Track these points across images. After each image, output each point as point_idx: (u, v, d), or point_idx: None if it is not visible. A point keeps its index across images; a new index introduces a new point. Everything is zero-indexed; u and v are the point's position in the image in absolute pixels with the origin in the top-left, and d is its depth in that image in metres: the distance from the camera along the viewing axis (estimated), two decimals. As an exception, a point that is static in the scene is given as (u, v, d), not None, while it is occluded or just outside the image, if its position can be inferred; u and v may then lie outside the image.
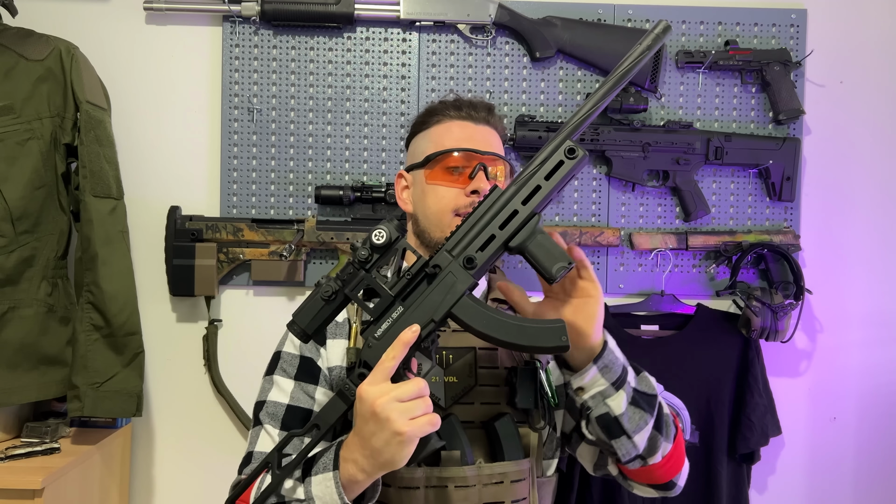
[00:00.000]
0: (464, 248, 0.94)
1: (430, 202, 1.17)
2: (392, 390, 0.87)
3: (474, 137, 1.18)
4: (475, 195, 1.13)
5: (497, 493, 1.05)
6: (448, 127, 1.20)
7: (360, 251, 0.93)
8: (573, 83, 1.86)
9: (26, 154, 1.58)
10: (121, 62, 1.80)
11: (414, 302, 0.94)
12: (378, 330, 0.94)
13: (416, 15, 1.78)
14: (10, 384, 1.55)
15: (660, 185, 1.84)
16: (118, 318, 1.61)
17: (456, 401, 0.99)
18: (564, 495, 1.76)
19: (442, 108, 1.22)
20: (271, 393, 1.14)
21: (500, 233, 0.94)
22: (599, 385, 0.99)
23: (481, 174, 1.14)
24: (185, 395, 1.83)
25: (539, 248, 0.94)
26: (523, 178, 0.95)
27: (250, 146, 1.81)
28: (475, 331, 0.94)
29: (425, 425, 0.87)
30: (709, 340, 1.80)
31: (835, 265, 1.92)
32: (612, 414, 1.00)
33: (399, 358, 0.89)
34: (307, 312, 0.95)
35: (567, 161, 0.94)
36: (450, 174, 1.16)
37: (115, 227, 1.65)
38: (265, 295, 1.83)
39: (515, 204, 0.94)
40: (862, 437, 1.94)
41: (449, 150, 1.17)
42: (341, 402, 0.94)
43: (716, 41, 1.87)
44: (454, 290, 0.93)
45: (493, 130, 1.22)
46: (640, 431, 1.01)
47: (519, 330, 0.94)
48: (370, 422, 0.88)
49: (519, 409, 1.09)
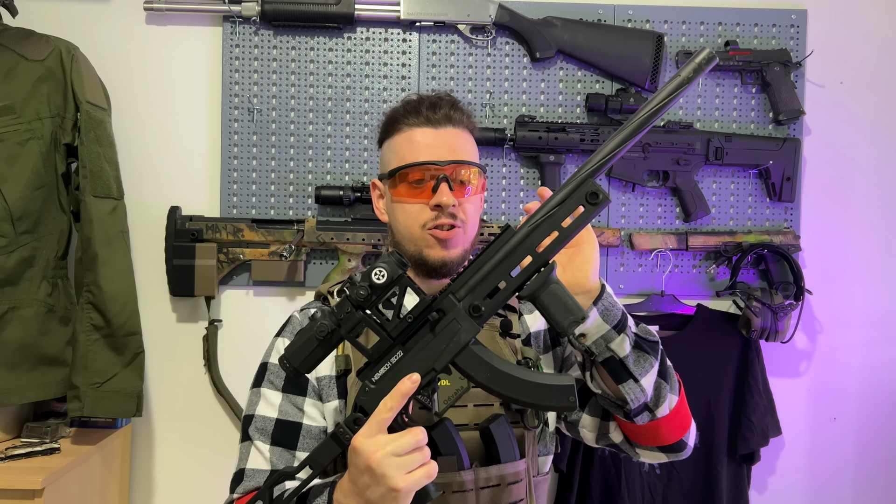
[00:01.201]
0: (470, 291, 0.90)
1: (399, 218, 1.14)
2: (388, 444, 0.84)
3: (435, 145, 1.12)
4: (439, 209, 1.10)
5: (494, 497, 1.04)
6: (409, 136, 1.14)
7: (359, 290, 0.87)
8: (573, 83, 1.86)
9: (26, 154, 1.58)
10: (121, 62, 1.80)
11: (414, 347, 0.90)
12: (375, 374, 0.90)
13: (417, 15, 1.78)
14: (10, 384, 1.55)
15: (660, 185, 1.84)
16: (118, 319, 1.61)
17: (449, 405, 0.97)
18: (564, 495, 1.76)
19: (402, 115, 1.16)
20: (259, 406, 1.11)
21: (511, 280, 0.89)
22: (601, 329, 0.98)
23: (443, 188, 1.09)
24: (185, 395, 1.83)
25: (552, 299, 0.88)
26: (538, 218, 0.89)
27: (250, 146, 1.81)
28: (478, 383, 0.91)
29: (422, 479, 0.85)
30: (709, 341, 1.80)
31: (835, 265, 1.92)
32: (617, 356, 0.98)
33: (396, 409, 0.86)
34: (300, 352, 0.90)
35: (588, 207, 0.88)
36: (413, 189, 1.12)
37: (116, 227, 1.65)
38: (265, 295, 1.83)
39: (529, 249, 0.89)
40: (862, 437, 1.94)
41: (408, 166, 1.12)
42: (335, 446, 0.90)
43: (716, 41, 1.87)
44: (458, 339, 0.89)
45: (458, 129, 1.15)
46: (646, 375, 1.00)
47: (526, 387, 0.91)
48: (365, 475, 0.85)
49: (513, 410, 1.08)
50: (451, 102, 1.16)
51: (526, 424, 1.09)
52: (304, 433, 1.09)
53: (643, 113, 0.87)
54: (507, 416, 1.08)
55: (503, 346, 1.13)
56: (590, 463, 1.74)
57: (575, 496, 1.75)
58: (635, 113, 0.88)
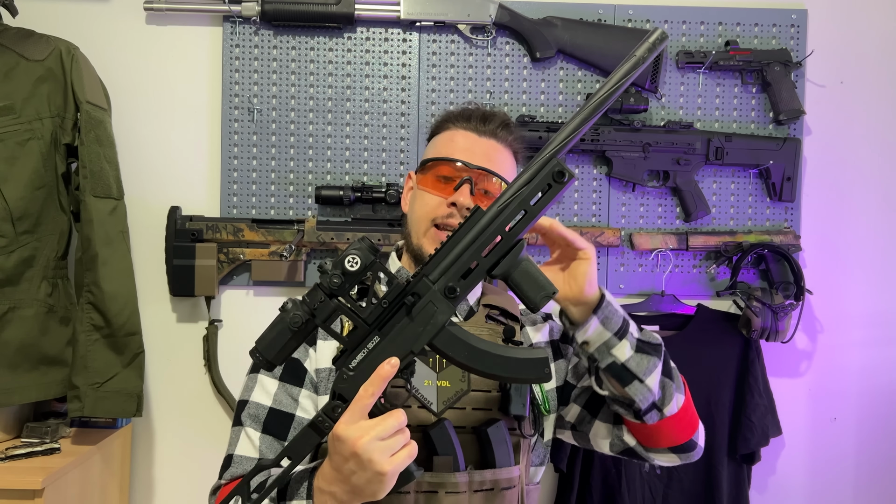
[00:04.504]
0: (443, 273, 0.90)
1: (416, 207, 1.17)
2: (372, 429, 0.85)
3: (473, 150, 1.15)
4: (454, 207, 1.12)
5: (487, 501, 1.05)
6: (451, 136, 1.18)
7: (332, 277, 0.87)
8: (573, 83, 1.85)
9: (27, 154, 1.57)
10: (121, 62, 1.80)
11: (391, 331, 0.90)
12: (353, 361, 0.90)
13: (417, 15, 1.78)
14: (10, 384, 1.55)
15: (660, 185, 1.84)
16: (118, 319, 1.61)
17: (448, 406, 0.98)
18: (564, 495, 1.76)
19: (454, 118, 1.20)
20: (254, 393, 1.11)
21: (483, 260, 0.91)
22: (603, 336, 1.00)
23: (465, 188, 1.12)
24: (185, 395, 1.83)
25: (524, 276, 0.91)
26: (506, 198, 0.91)
27: (250, 146, 1.81)
28: (456, 362, 0.92)
29: (406, 459, 0.87)
30: (709, 341, 1.80)
31: (835, 265, 1.92)
32: (619, 361, 1.00)
33: (377, 394, 0.87)
34: (274, 343, 0.89)
35: (555, 185, 0.90)
36: (439, 182, 1.15)
37: (116, 227, 1.65)
38: (265, 295, 1.83)
39: (500, 229, 0.91)
40: (862, 437, 1.94)
41: (439, 159, 1.16)
42: (315, 435, 0.91)
43: (716, 41, 1.87)
44: (435, 321, 0.90)
45: (500, 145, 1.18)
46: (650, 374, 1.02)
47: (501, 361, 0.93)
48: (350, 461, 0.86)
49: (510, 416, 1.09)
50: (504, 121, 1.19)
51: (522, 432, 1.10)
52: (295, 425, 1.09)
53: (602, 92, 0.90)
54: (505, 421, 1.08)
55: None
56: (590, 463, 1.74)
57: (575, 496, 1.75)
58: (594, 92, 0.91)
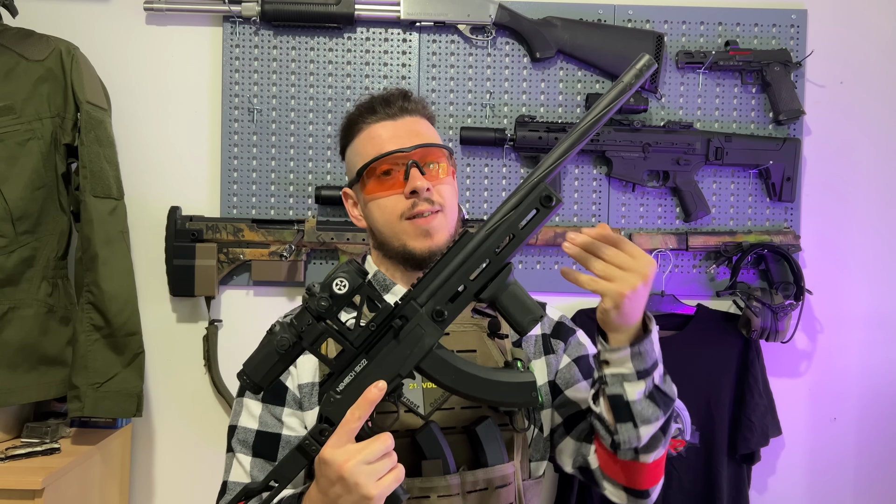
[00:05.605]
0: (431, 296, 0.90)
1: (377, 216, 1.13)
2: (358, 452, 0.85)
3: (397, 134, 1.11)
4: (415, 195, 1.08)
5: (482, 500, 1.03)
6: (369, 134, 1.14)
7: (320, 300, 0.87)
8: (573, 84, 1.86)
9: (26, 154, 1.58)
10: (121, 62, 1.80)
11: (378, 354, 0.90)
12: (340, 384, 0.90)
13: (417, 15, 1.78)
14: (10, 384, 1.55)
15: (660, 185, 1.84)
16: (118, 319, 1.61)
17: (435, 408, 0.97)
18: (564, 495, 1.76)
19: (358, 117, 1.16)
20: (241, 417, 1.10)
21: (471, 284, 0.91)
22: (625, 367, 0.97)
23: (415, 172, 1.08)
24: (185, 395, 1.83)
25: (511, 299, 0.91)
26: (494, 222, 0.90)
27: (250, 146, 1.81)
28: (443, 385, 0.92)
29: (392, 483, 0.86)
30: (709, 341, 1.80)
31: (835, 265, 1.92)
32: (625, 398, 0.97)
33: (364, 418, 0.86)
34: (261, 366, 0.89)
35: (542, 210, 0.90)
36: (384, 182, 1.11)
37: (116, 227, 1.65)
38: (265, 295, 1.83)
39: (488, 253, 0.91)
40: (862, 437, 1.94)
41: (373, 160, 1.11)
42: (302, 458, 0.90)
43: (716, 41, 1.87)
44: (422, 344, 0.90)
45: (416, 117, 1.15)
46: (647, 425, 0.99)
47: (489, 386, 0.93)
48: (337, 485, 0.85)
49: (501, 412, 1.07)
50: (403, 94, 1.16)
51: (515, 426, 1.07)
52: (283, 444, 1.08)
53: (590, 118, 0.90)
54: (494, 417, 1.06)
55: (491, 346, 1.11)
56: (590, 463, 1.74)
57: (575, 497, 1.75)
58: (582, 118, 0.91)
